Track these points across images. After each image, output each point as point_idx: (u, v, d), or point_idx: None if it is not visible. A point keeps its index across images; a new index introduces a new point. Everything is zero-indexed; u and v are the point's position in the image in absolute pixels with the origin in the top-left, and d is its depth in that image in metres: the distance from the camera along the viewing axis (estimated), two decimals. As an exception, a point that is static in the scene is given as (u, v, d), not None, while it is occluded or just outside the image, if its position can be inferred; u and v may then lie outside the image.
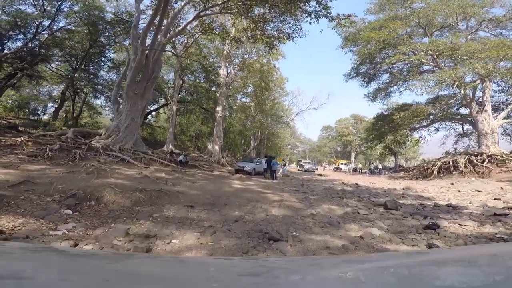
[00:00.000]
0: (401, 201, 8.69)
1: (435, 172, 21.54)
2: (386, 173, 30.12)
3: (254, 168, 19.37)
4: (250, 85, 37.46)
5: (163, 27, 19.57)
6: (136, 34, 16.90)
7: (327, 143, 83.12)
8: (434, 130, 32.83)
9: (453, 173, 21.32)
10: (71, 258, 1.00)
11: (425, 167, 23.48)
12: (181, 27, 20.42)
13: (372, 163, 38.77)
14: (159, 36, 17.56)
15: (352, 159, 76.23)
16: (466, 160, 21.62)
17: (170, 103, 27.50)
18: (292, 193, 9.77)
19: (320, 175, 24.67)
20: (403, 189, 13.36)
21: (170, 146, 26.52)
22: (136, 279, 0.77)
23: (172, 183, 8.92)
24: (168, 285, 0.73)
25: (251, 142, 46.18)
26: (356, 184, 15.24)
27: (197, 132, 39.74)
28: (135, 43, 16.50)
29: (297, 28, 19.82)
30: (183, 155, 16.03)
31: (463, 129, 31.56)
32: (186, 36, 23.37)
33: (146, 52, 16.63)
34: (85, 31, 24.65)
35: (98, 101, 35.94)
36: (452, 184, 15.67)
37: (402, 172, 26.49)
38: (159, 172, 10.91)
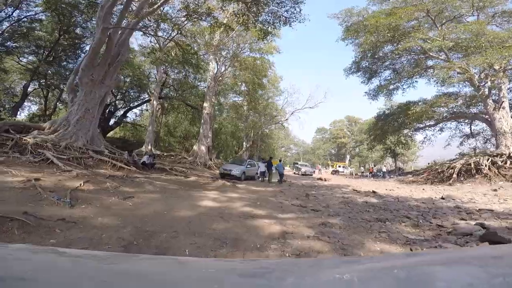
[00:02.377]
0: (486, 222, 4.90)
1: (454, 175, 17.89)
2: (392, 176, 26.47)
3: (243, 172, 15.50)
4: (242, 82, 33.69)
5: (134, 5, 15.80)
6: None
7: (321, 145, 79.67)
8: (438, 130, 29.49)
9: (476, 176, 17.71)
10: (72, 259, 0.98)
11: (439, 170, 19.82)
12: (156, 6, 16.50)
13: (374, 166, 35.08)
14: (127, 15, 13.77)
15: (347, 161, 72.96)
16: (489, 162, 18.06)
17: (150, 98, 23.42)
18: (299, 214, 5.92)
19: (320, 179, 20.91)
20: (442, 198, 9.60)
21: (150, 147, 22.49)
22: (135, 280, 0.75)
23: (81, 198, 5.20)
24: (167, 286, 0.73)
25: (244, 143, 42.26)
26: (374, 192, 11.45)
27: (184, 133, 35.72)
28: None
29: (295, 11, 16.30)
30: (148, 156, 12.15)
31: (471, 129, 28.19)
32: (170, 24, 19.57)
33: (110, 32, 12.79)
34: (55, 21, 20.73)
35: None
36: (495, 190, 12.00)
37: (410, 175, 22.83)
38: (92, 179, 6.99)
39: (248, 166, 16.55)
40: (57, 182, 6.27)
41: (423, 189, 14.40)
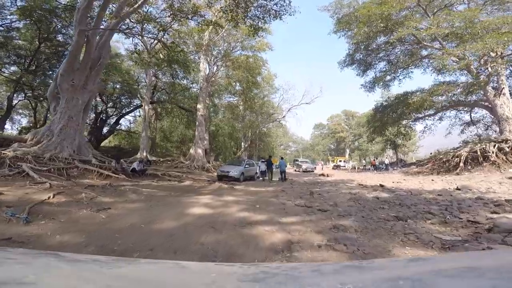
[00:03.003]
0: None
1: (461, 164, 17.11)
2: (395, 168, 25.61)
3: (242, 173, 14.70)
4: (236, 82, 32.91)
5: (113, 6, 15.00)
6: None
7: (320, 141, 78.90)
8: (437, 120, 28.79)
9: (483, 164, 16.95)
10: (73, 264, 0.97)
11: (444, 159, 19.04)
12: (136, 5, 15.67)
13: (376, 158, 34.20)
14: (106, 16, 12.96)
15: (347, 155, 72.29)
16: (496, 148, 17.32)
17: (142, 104, 22.56)
18: (304, 216, 5.08)
19: (323, 175, 20.09)
20: (458, 189, 8.79)
21: (145, 153, 21.62)
22: (138, 284, 0.75)
23: (45, 212, 4.43)
24: None
25: (242, 144, 41.44)
26: (381, 185, 10.64)
27: (181, 137, 34.85)
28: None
29: (284, 4, 15.61)
30: (139, 162, 11.28)
31: (471, 117, 27.47)
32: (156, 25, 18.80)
33: (88, 34, 11.98)
34: (34, 29, 19.86)
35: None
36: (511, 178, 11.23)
37: (414, 166, 22.02)
38: (68, 190, 6.15)
39: (246, 166, 15.74)
40: (23, 195, 5.44)
41: (432, 180, 13.60)
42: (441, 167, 18.69)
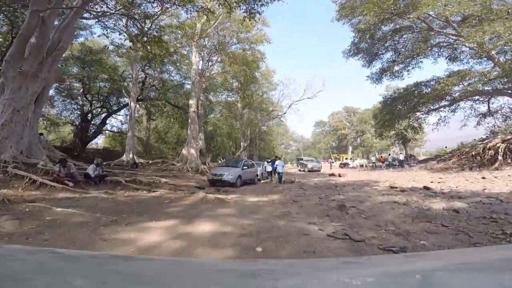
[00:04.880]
0: None
1: (499, 157, 14.17)
2: (412, 164, 22.59)
3: (239, 176, 11.83)
4: (233, 77, 30.06)
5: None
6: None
7: (321, 138, 75.83)
8: (450, 112, 25.83)
9: (523, 156, 14.05)
10: (69, 260, 0.94)
11: (473, 153, 16.07)
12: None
13: (389, 154, 31.04)
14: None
15: (349, 153, 69.34)
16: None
17: (130, 101, 19.68)
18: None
19: (333, 175, 17.18)
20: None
21: (131, 155, 18.74)
22: (135, 281, 0.73)
23: None
24: (167, 287, 0.71)
25: (241, 143, 38.53)
26: (426, 188, 7.75)
27: (176, 137, 32.02)
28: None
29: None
30: (95, 166, 8.30)
31: (489, 107, 24.47)
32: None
33: (44, 15, 9.20)
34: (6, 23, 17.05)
35: (53, 110, 27.52)
36: None
37: (435, 161, 19.05)
38: None
39: (244, 167, 12.79)
40: None
41: (483, 177, 10.64)
42: (471, 162, 15.74)
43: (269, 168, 15.45)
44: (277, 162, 14.24)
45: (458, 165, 15.82)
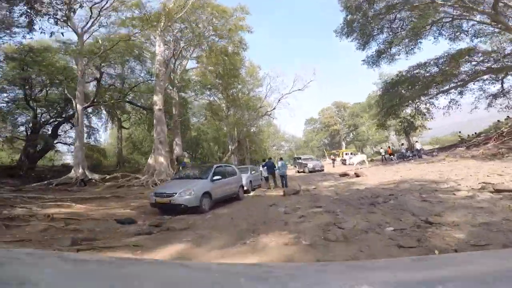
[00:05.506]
0: None
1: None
2: (435, 154, 18.53)
3: (206, 193, 7.42)
4: (212, 71, 25.82)
5: None
6: None
7: (314, 136, 71.92)
8: (458, 94, 22.19)
9: None
10: (77, 264, 0.93)
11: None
12: None
13: (402, 144, 26.82)
14: None
15: (343, 148, 65.83)
16: None
17: (75, 103, 15.17)
18: None
19: (346, 175, 13.09)
20: None
21: (80, 170, 14.26)
22: (141, 284, 0.72)
23: None
24: None
25: (229, 147, 34.16)
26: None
27: (151, 145, 27.43)
28: None
29: None
30: None
31: (502, 86, 20.86)
32: None
33: None
34: None
35: None
36: None
37: (463, 148, 15.15)
38: None
39: (216, 178, 8.10)
40: None
41: None
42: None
43: (265, 173, 12.79)
44: (279, 163, 12.39)
45: (502, 152, 11.86)
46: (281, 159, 13.92)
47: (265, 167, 12.66)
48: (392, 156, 22.40)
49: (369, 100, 46.64)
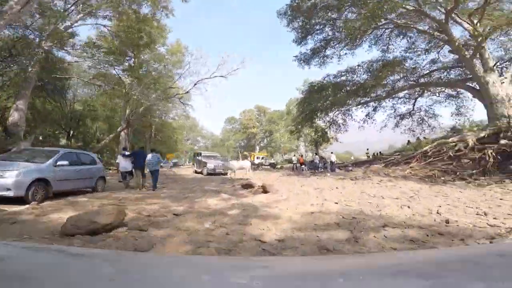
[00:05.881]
0: None
1: (489, 162, 8.85)
2: (351, 169, 16.37)
3: (44, 182, 5.60)
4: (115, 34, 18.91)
5: None
6: None
7: (231, 136, 68.68)
8: (372, 110, 22.00)
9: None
10: (76, 258, 0.91)
11: (445, 156, 10.78)
12: None
13: (316, 154, 24.03)
14: None
15: (257, 152, 64.84)
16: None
17: None
18: None
19: (250, 186, 8.63)
20: None
21: None
22: (140, 278, 0.70)
23: None
24: (171, 284, 0.68)
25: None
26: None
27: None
28: None
29: None
30: None
31: (414, 106, 21.38)
32: None
33: None
34: None
35: None
36: None
37: (383, 165, 13.35)
38: None
39: (63, 163, 6.30)
40: None
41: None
42: (444, 168, 10.20)
43: (129, 166, 9.29)
44: (149, 156, 9.33)
45: (441, 171, 9.96)
46: (153, 150, 10.04)
47: (127, 158, 9.14)
48: (303, 166, 20.10)
49: (288, 104, 46.38)
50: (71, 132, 25.74)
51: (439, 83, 17.02)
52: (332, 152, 18.35)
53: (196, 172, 18.82)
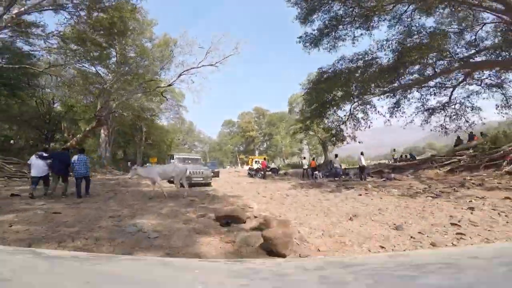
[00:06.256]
0: None
1: None
2: (392, 177, 11.61)
3: None
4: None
5: None
6: None
7: (229, 140, 64.43)
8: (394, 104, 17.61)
9: None
10: (51, 260, 0.87)
11: None
12: None
13: (336, 155, 18.97)
14: None
15: (256, 156, 60.65)
16: None
17: None
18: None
19: (235, 220, 4.58)
20: None
21: None
22: (118, 281, 0.67)
23: None
24: (151, 287, 0.64)
25: (101, 131, 22.51)
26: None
27: None
28: None
29: None
30: None
31: (451, 97, 16.82)
32: None
33: None
34: None
35: None
36: None
37: (429, 169, 9.19)
38: None
39: None
40: None
41: None
42: None
43: (39, 171, 6.97)
44: (75, 158, 7.20)
45: None
46: (81, 150, 7.68)
47: (45, 161, 7.07)
48: (317, 173, 15.61)
49: (291, 101, 42.34)
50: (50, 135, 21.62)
51: (496, 61, 12.79)
52: (362, 153, 13.79)
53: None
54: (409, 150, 34.50)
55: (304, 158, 22.96)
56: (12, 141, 20.86)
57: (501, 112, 14.84)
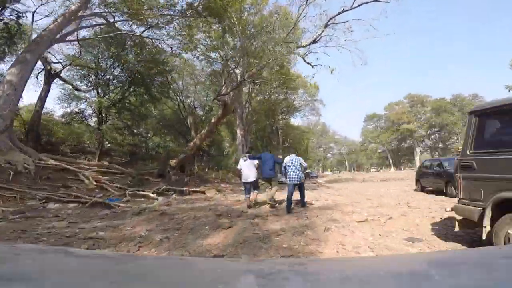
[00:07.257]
0: None
1: None
2: None
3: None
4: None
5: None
6: None
7: (375, 137, 51.11)
8: None
9: None
10: (79, 259, 0.88)
11: None
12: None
13: None
14: None
15: (417, 157, 44.79)
16: None
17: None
18: None
19: None
20: None
21: None
22: (143, 280, 0.67)
23: None
24: (175, 286, 0.65)
25: (237, 130, 18.69)
26: None
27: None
28: None
29: None
30: None
31: None
32: None
33: None
34: None
35: None
36: None
37: None
38: None
39: None
40: None
41: None
42: None
43: (252, 176, 5.95)
44: (288, 159, 5.61)
45: None
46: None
47: (254, 162, 5.92)
48: None
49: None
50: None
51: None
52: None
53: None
54: None
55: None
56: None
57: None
